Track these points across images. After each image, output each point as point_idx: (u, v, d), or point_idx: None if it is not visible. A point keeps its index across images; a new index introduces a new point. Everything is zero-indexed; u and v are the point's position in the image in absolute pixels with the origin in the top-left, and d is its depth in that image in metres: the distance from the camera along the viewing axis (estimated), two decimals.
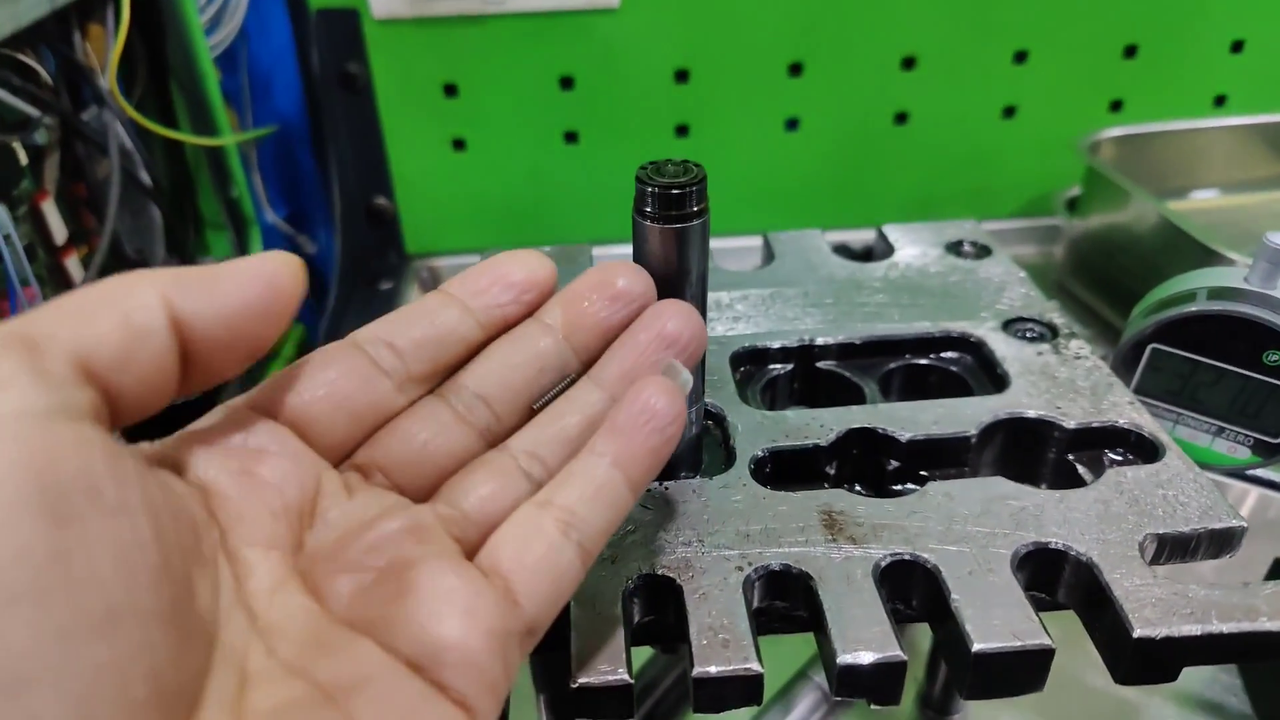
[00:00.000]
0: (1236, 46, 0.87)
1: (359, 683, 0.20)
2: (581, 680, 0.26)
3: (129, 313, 0.20)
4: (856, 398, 0.41)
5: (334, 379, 0.25)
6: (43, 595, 0.16)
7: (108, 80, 0.65)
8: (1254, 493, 0.63)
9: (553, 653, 0.29)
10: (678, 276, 0.29)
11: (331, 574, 0.22)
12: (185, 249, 0.75)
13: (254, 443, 0.23)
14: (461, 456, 0.27)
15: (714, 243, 0.32)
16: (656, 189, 0.28)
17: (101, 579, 0.17)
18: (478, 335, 0.28)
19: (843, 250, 0.52)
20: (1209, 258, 0.65)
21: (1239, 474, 0.45)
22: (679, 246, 0.29)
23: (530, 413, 0.28)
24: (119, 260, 0.69)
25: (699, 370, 0.32)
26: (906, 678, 0.28)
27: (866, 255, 0.53)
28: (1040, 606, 0.30)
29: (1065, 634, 0.31)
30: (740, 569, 0.30)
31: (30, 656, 0.16)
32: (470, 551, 0.24)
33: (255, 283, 0.22)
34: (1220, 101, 0.91)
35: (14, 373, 0.17)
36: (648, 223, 0.29)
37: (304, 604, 0.22)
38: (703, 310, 0.31)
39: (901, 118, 0.88)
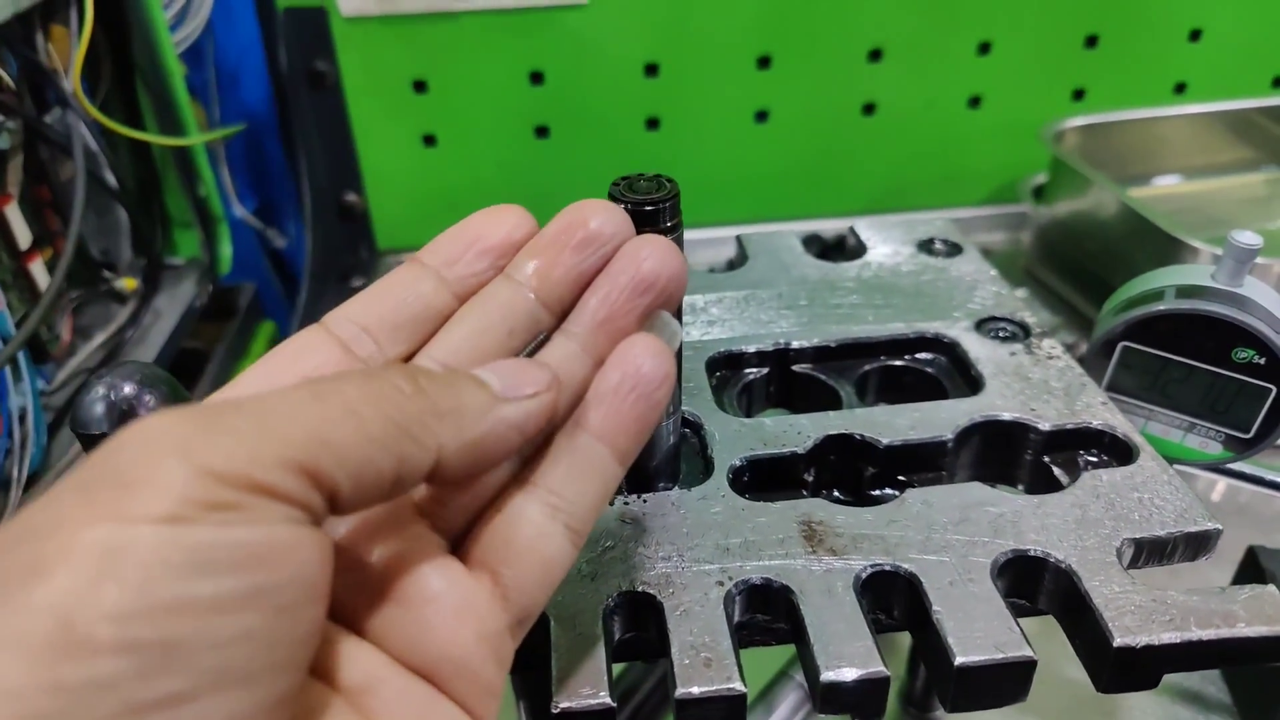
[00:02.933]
0: (1194, 35, 0.88)
1: (372, 684, 0.20)
2: (562, 705, 0.26)
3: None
4: (833, 401, 0.41)
5: (309, 372, 0.24)
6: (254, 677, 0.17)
7: (71, 82, 0.63)
8: (1222, 481, 0.64)
9: (532, 672, 0.28)
10: None
11: None
12: (152, 249, 0.74)
13: None
14: None
15: (686, 234, 0.31)
16: (629, 205, 0.28)
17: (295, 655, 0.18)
18: (454, 306, 0.26)
19: (814, 240, 0.52)
20: (1172, 245, 0.66)
21: (1211, 468, 0.45)
22: None
23: None
24: (84, 262, 0.68)
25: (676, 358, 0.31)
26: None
27: (838, 245, 0.53)
28: (1020, 613, 0.30)
29: (1043, 625, 0.31)
30: (721, 584, 0.30)
31: None
32: (454, 538, 0.24)
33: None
34: (1180, 89, 0.92)
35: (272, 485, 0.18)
36: None
37: None
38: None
39: (869, 109, 0.88)
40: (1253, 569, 0.48)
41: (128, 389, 0.30)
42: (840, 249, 0.53)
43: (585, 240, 0.25)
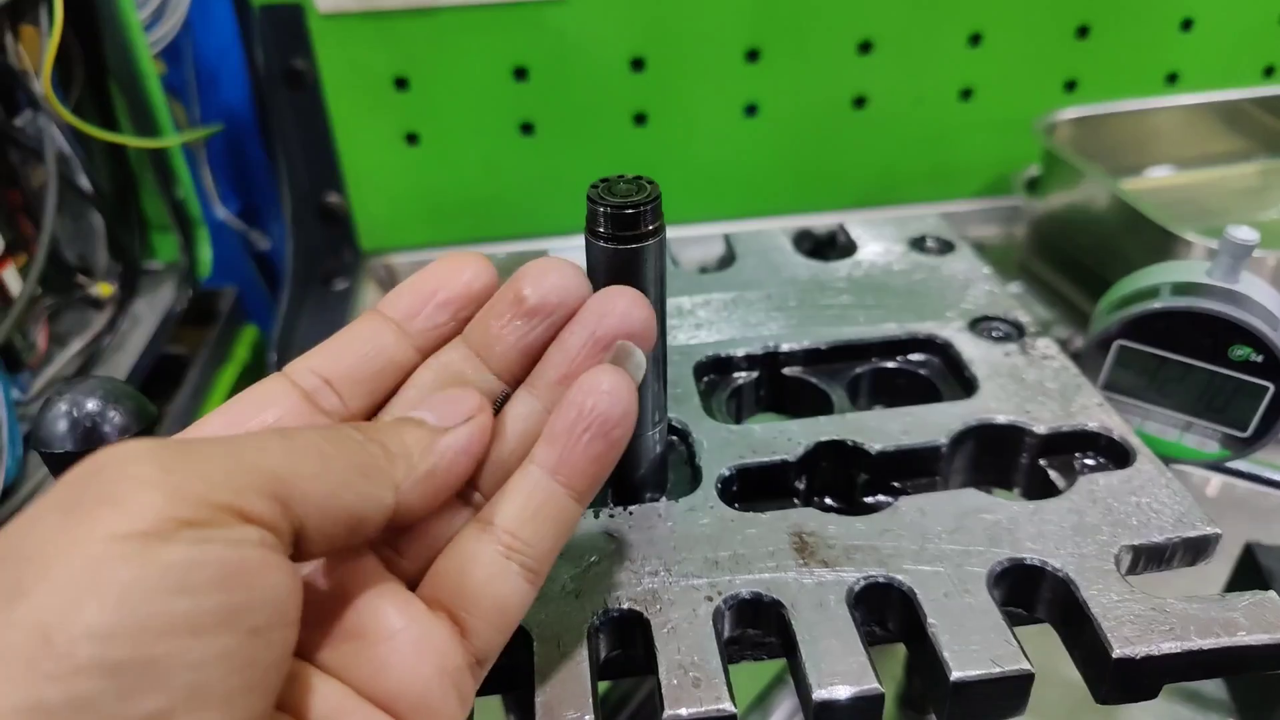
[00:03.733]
0: (1186, 25, 0.88)
1: (337, 717, 0.21)
2: None
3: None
4: (824, 405, 0.40)
5: (272, 423, 0.24)
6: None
7: (42, 83, 0.62)
8: (1218, 476, 0.63)
9: (515, 692, 0.27)
10: None
11: None
12: (129, 254, 0.73)
13: None
14: None
15: (674, 232, 0.31)
16: (609, 209, 0.27)
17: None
18: (415, 360, 0.26)
19: (805, 237, 0.51)
20: (1165, 237, 0.65)
21: (1209, 467, 0.45)
22: (634, 267, 0.27)
23: None
24: (59, 268, 0.67)
25: (657, 370, 0.30)
26: (884, 673, 0.27)
27: (829, 242, 0.52)
28: (1017, 622, 0.29)
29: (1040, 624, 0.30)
30: (710, 599, 0.29)
31: None
32: (413, 580, 0.24)
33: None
34: (1172, 79, 0.91)
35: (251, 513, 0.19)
36: (600, 243, 0.27)
37: None
38: (662, 328, 0.30)
39: (860, 102, 0.87)
40: (1250, 566, 0.47)
41: (90, 405, 0.29)
42: (831, 245, 0.52)
43: (533, 310, 0.25)
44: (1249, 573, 0.48)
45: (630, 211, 0.27)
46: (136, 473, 0.18)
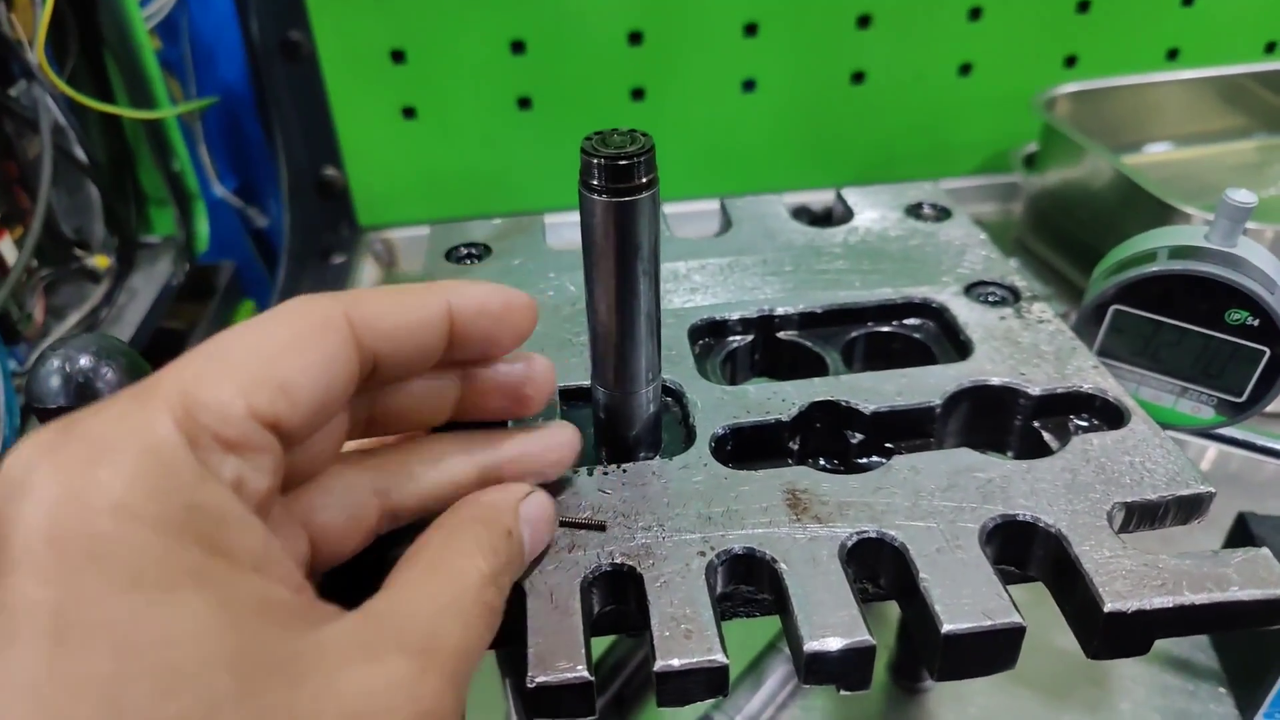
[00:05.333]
0: (1187, 0, 0.87)
1: None
2: (539, 679, 0.25)
3: None
4: (819, 368, 0.40)
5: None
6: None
7: (36, 53, 0.61)
8: (1213, 447, 0.63)
9: (510, 646, 0.28)
10: (628, 252, 0.28)
11: None
12: (126, 226, 0.72)
13: None
14: None
15: (672, 208, 0.31)
16: (602, 160, 0.26)
17: None
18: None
19: (803, 212, 0.51)
20: (1165, 212, 0.65)
21: (1203, 433, 0.45)
22: (628, 221, 0.27)
23: None
24: (55, 240, 0.67)
25: (650, 327, 0.30)
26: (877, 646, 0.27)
27: (826, 217, 0.52)
28: (1009, 580, 0.29)
29: (1032, 594, 0.30)
30: (703, 554, 0.29)
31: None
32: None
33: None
34: (1173, 55, 0.91)
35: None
36: (594, 196, 0.27)
37: None
38: (656, 284, 0.30)
39: (858, 77, 0.86)
40: (1243, 536, 0.47)
41: (84, 361, 0.29)
42: (828, 219, 0.51)
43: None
44: (1241, 543, 0.48)
45: (624, 163, 0.26)
46: None
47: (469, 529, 0.25)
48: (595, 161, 0.26)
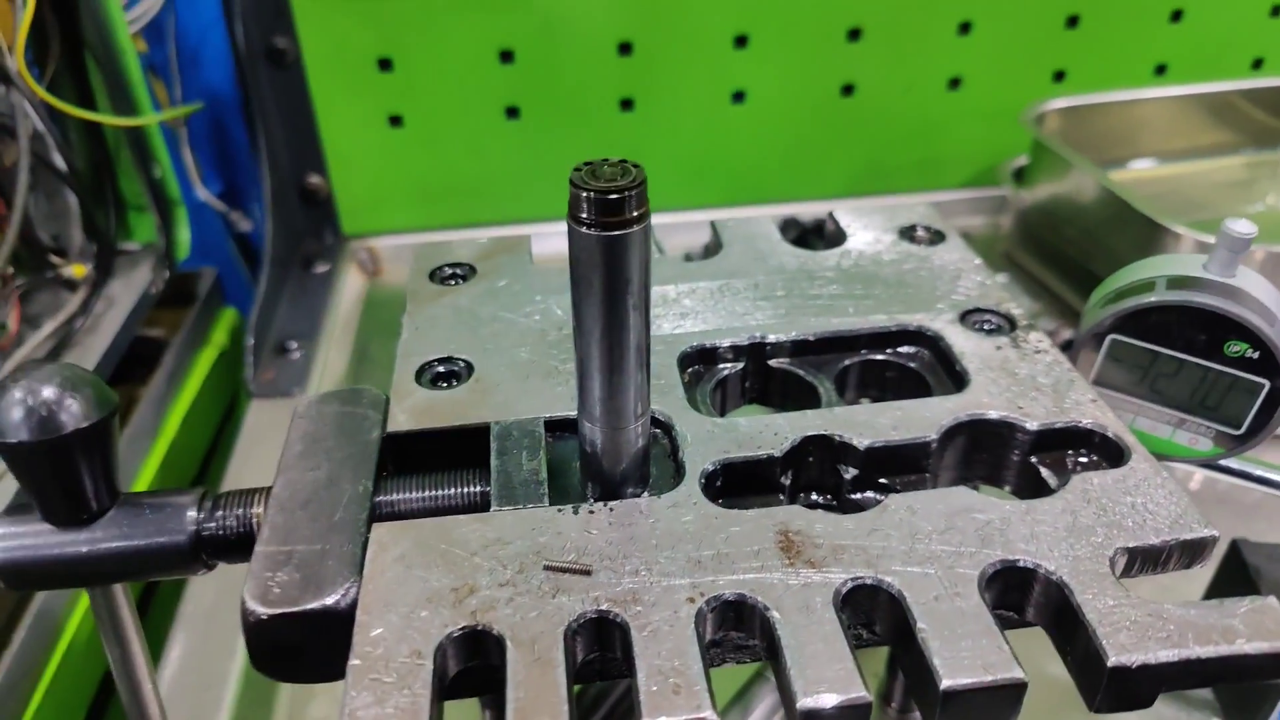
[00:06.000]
0: (1176, 15, 0.87)
1: None
2: None
3: None
4: (811, 397, 0.39)
5: None
6: None
7: (15, 59, 0.60)
8: (1199, 473, 0.63)
9: (491, 693, 0.26)
10: (617, 286, 0.27)
11: None
12: (104, 234, 0.71)
13: None
14: None
15: (661, 219, 0.30)
16: (592, 193, 0.25)
17: None
18: None
19: (792, 224, 0.50)
20: (1152, 229, 0.65)
21: (1202, 465, 0.44)
22: (618, 255, 0.26)
23: None
24: (31, 247, 0.65)
25: (640, 360, 0.29)
26: (866, 671, 0.26)
27: (817, 230, 0.51)
28: (1007, 625, 0.29)
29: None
30: (692, 600, 0.28)
31: None
32: None
33: None
34: (1161, 70, 0.91)
35: None
36: (583, 229, 0.26)
37: None
38: (647, 316, 0.29)
39: (848, 90, 0.86)
40: (1236, 562, 0.47)
41: (47, 392, 0.27)
42: (818, 234, 0.51)
43: None
44: (1235, 569, 0.47)
45: (615, 197, 0.25)
46: None
47: None
48: (585, 195, 0.25)
